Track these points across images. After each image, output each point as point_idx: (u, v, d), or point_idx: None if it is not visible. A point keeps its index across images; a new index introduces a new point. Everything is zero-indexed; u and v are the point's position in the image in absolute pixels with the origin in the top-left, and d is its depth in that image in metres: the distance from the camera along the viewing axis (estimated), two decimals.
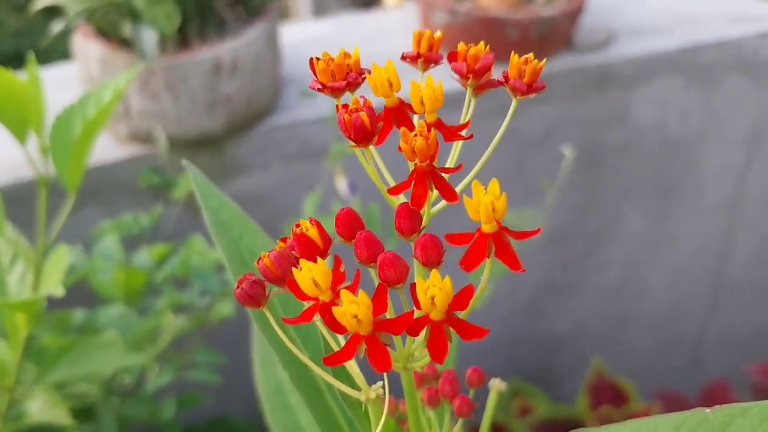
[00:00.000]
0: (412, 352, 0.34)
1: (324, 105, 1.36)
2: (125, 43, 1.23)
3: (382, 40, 1.56)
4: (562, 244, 1.72)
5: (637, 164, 1.67)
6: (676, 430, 0.31)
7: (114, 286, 1.08)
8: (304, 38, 1.59)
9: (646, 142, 1.64)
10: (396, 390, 0.39)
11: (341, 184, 1.18)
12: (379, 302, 0.30)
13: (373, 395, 0.34)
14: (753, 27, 1.61)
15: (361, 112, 0.32)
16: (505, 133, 0.36)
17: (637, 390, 1.67)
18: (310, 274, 0.30)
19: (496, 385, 0.45)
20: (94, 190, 1.27)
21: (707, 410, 0.31)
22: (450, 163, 0.37)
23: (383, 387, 0.35)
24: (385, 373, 0.34)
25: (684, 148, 1.68)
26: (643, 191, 1.72)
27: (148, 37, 1.16)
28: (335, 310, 0.29)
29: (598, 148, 1.61)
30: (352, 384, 0.36)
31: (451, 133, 0.34)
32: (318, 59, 0.35)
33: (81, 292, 1.11)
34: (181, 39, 1.25)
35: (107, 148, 1.28)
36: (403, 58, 0.38)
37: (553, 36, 1.44)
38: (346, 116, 0.32)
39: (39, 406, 0.83)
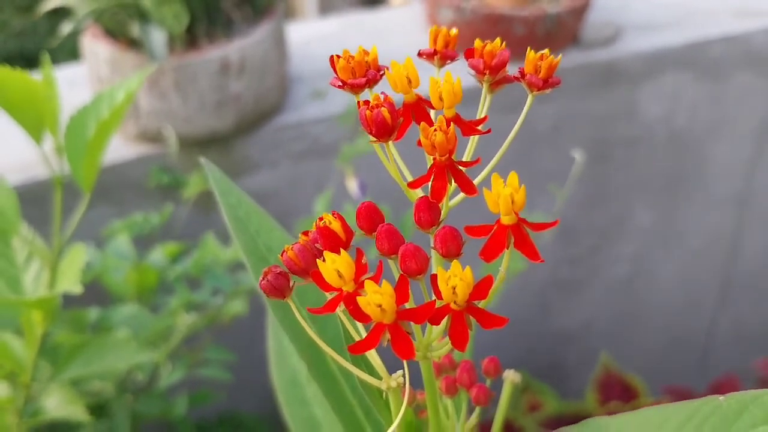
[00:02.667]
0: (431, 342, 0.35)
1: (332, 103, 1.36)
2: (134, 44, 1.24)
3: (388, 38, 1.56)
4: (571, 240, 1.72)
5: (645, 159, 1.67)
6: (689, 419, 0.32)
7: (127, 285, 1.10)
8: (311, 37, 1.60)
9: (654, 137, 1.64)
10: (413, 380, 0.40)
11: (352, 184, 1.19)
12: (401, 292, 0.31)
13: (393, 384, 0.35)
14: (761, 21, 1.61)
15: (382, 108, 0.33)
16: (517, 128, 0.37)
17: (647, 385, 1.67)
18: (334, 266, 0.31)
19: (511, 376, 0.46)
20: (104, 189, 1.27)
21: (720, 398, 0.32)
22: (467, 157, 0.37)
23: (403, 376, 0.36)
24: (405, 362, 0.35)
25: (693, 143, 1.68)
26: (651, 186, 1.72)
27: (157, 38, 1.17)
28: (360, 299, 0.30)
29: (606, 143, 1.61)
30: (372, 373, 0.37)
31: (469, 128, 0.35)
32: (338, 57, 0.36)
33: (94, 291, 1.12)
34: (190, 39, 1.26)
35: (116, 148, 1.29)
36: (420, 54, 0.39)
37: (560, 32, 1.45)
38: (367, 112, 0.33)
39: (55, 403, 0.84)
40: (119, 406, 1.07)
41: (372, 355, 0.36)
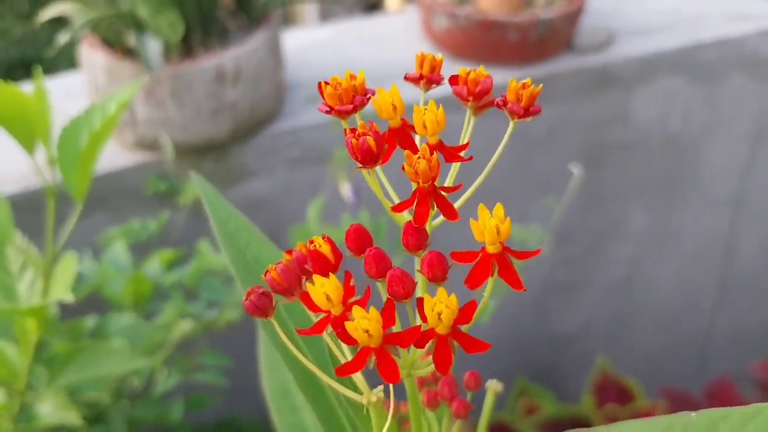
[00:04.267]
0: (415, 360, 0.36)
1: None
2: (130, 53, 1.24)
3: (383, 44, 1.57)
4: (567, 242, 1.73)
5: (641, 162, 1.68)
6: None
7: (124, 294, 1.10)
8: (308, 43, 1.60)
9: (649, 140, 1.65)
10: (395, 391, 0.41)
11: (345, 189, 1.19)
12: (387, 316, 0.32)
13: (374, 399, 0.36)
14: (753, 25, 1.62)
15: (368, 137, 0.34)
16: (498, 154, 0.37)
17: (645, 388, 1.68)
18: (323, 289, 0.32)
19: (493, 386, 0.47)
20: (101, 197, 1.28)
21: (692, 414, 0.32)
22: (449, 182, 0.38)
23: (384, 392, 0.37)
24: None
25: (687, 146, 1.69)
26: (647, 189, 1.73)
27: (153, 47, 1.17)
28: (348, 324, 0.30)
29: (601, 146, 1.62)
30: (354, 388, 0.37)
31: (451, 155, 0.36)
32: (327, 84, 0.37)
33: (92, 299, 1.13)
34: (185, 48, 1.26)
35: (114, 156, 1.30)
36: (406, 79, 0.40)
37: (553, 38, 1.46)
38: (353, 141, 0.34)
39: (49, 408, 0.85)
40: (116, 412, 1.07)
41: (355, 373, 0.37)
